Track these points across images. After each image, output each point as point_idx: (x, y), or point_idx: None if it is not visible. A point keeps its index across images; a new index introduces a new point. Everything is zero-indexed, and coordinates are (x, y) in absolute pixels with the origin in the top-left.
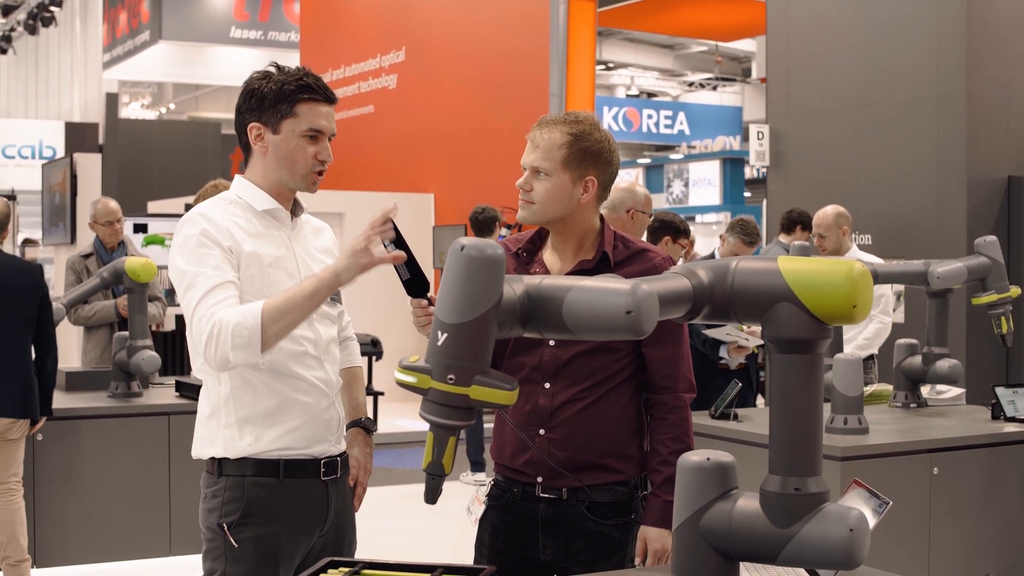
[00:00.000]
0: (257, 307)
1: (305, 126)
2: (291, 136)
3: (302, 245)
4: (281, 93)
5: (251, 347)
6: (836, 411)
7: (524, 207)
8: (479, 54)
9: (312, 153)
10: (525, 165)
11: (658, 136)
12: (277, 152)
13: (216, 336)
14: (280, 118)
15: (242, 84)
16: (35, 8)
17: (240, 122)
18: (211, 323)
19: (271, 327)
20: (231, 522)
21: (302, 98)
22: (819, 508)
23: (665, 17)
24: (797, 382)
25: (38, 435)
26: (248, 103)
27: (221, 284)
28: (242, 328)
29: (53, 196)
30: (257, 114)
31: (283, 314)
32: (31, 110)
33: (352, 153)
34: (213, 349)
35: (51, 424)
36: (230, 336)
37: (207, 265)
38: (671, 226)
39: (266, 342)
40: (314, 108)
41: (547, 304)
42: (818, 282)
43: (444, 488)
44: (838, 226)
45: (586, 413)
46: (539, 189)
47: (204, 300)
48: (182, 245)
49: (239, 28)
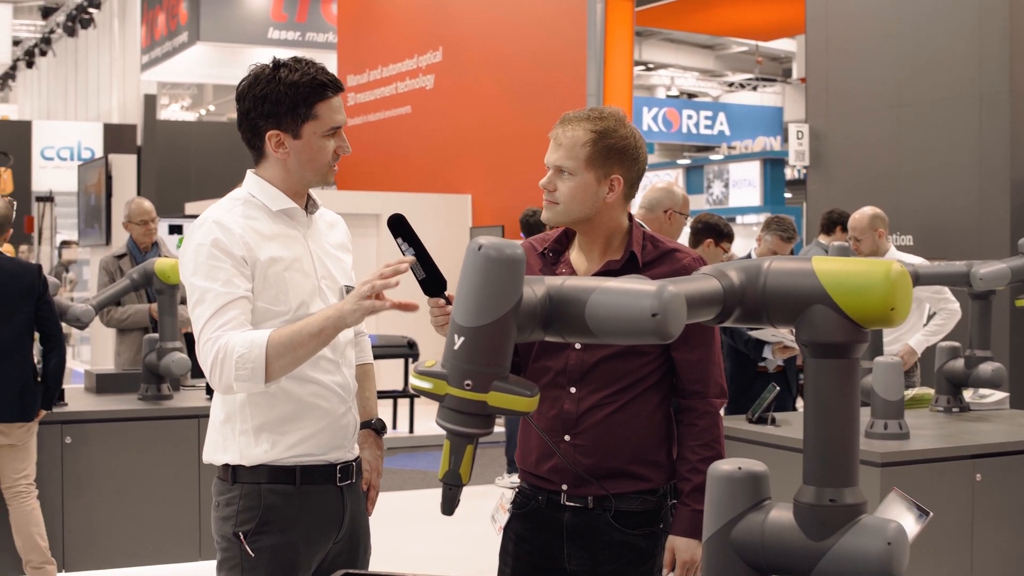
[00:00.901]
0: (262, 338)
1: (326, 126)
2: (313, 139)
3: (317, 243)
4: (297, 96)
5: (255, 379)
6: (876, 416)
7: (548, 207)
8: (516, 54)
9: (332, 149)
10: (548, 164)
11: (698, 137)
12: (300, 156)
13: (220, 363)
14: (300, 122)
15: (243, 82)
16: (74, 10)
17: (252, 127)
18: (215, 348)
19: (276, 361)
20: (247, 531)
21: (318, 99)
22: (855, 520)
23: (704, 16)
24: (833, 388)
25: (66, 438)
26: (260, 108)
27: (230, 303)
28: (246, 361)
29: (89, 197)
30: (275, 121)
31: (289, 350)
32: (70, 112)
33: (389, 154)
34: (217, 376)
35: (80, 427)
36: (233, 367)
37: (216, 280)
38: (714, 229)
39: (271, 375)
40: (330, 105)
41: (569, 306)
42: (854, 283)
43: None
44: (873, 229)
45: (613, 419)
46: (563, 189)
47: (211, 321)
48: (194, 254)
49: (277, 29)
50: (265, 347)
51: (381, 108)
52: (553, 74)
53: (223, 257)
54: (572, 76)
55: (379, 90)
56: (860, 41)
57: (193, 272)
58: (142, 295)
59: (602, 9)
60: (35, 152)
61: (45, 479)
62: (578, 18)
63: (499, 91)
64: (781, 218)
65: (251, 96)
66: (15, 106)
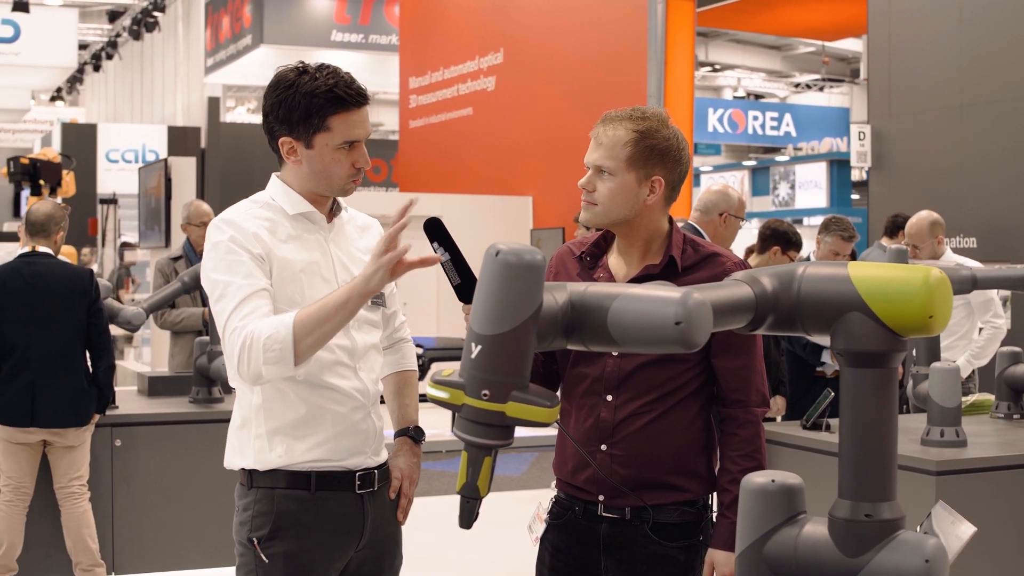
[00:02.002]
0: (289, 318)
1: (340, 140)
2: (325, 151)
3: (342, 247)
4: (311, 106)
5: (284, 361)
6: (932, 423)
7: (586, 208)
8: (577, 55)
9: (349, 163)
10: (588, 164)
11: (764, 138)
12: (312, 166)
13: (248, 350)
14: (312, 133)
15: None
16: (139, 14)
17: (268, 129)
18: (242, 336)
19: (304, 339)
20: (261, 536)
21: (333, 111)
22: (893, 536)
23: (768, 16)
24: (869, 399)
25: (116, 441)
26: (276, 112)
27: (252, 294)
28: (273, 341)
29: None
30: (287, 128)
31: (317, 325)
32: (136, 115)
33: (450, 156)
34: (245, 363)
35: (130, 430)
36: (261, 350)
37: (237, 274)
38: (783, 236)
39: (299, 355)
40: (347, 118)
41: (591, 313)
42: (891, 290)
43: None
44: (933, 235)
45: (651, 428)
46: (602, 189)
47: (235, 312)
48: (211, 252)
49: (340, 31)
50: (292, 326)
51: (442, 110)
52: (614, 75)
53: (241, 252)
54: (633, 77)
55: (441, 92)
56: (923, 40)
57: (212, 269)
58: (196, 298)
59: (663, 10)
60: (100, 155)
61: (95, 482)
62: (639, 19)
63: (560, 92)
64: (839, 218)
65: (270, 99)
66: (83, 109)
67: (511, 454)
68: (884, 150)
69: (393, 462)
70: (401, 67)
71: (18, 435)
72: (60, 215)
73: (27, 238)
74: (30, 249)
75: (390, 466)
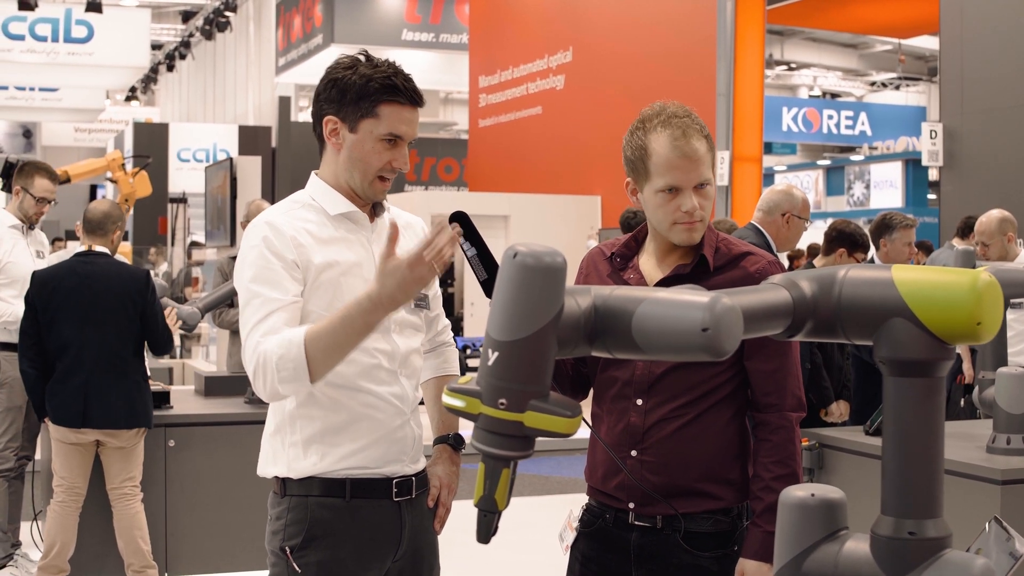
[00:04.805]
0: (299, 336)
1: (384, 130)
2: (368, 138)
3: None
4: (365, 89)
5: (299, 379)
6: (998, 430)
7: (693, 229)
8: (646, 54)
9: (387, 159)
10: (686, 185)
11: (839, 137)
12: (351, 152)
13: (262, 370)
14: (359, 116)
15: (326, 69)
16: (211, 14)
17: (317, 109)
18: (255, 356)
19: (316, 356)
20: (294, 545)
21: (385, 99)
22: (938, 555)
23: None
24: (914, 410)
25: (170, 441)
26: (328, 92)
27: (275, 311)
28: (286, 361)
29: (215, 199)
30: (336, 107)
31: (327, 344)
32: (208, 114)
33: (518, 155)
34: (262, 384)
35: (183, 430)
36: (275, 370)
37: (265, 283)
38: (849, 238)
39: (315, 372)
40: (397, 111)
41: (615, 319)
42: (937, 295)
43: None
44: (1003, 233)
45: (682, 433)
46: (706, 204)
47: (255, 329)
48: (244, 257)
49: (411, 31)
50: (303, 344)
51: (512, 109)
52: (682, 74)
53: (273, 260)
54: (702, 76)
55: (510, 91)
56: (995, 37)
57: (243, 274)
58: None
59: (732, 8)
60: (171, 154)
61: (148, 483)
62: (708, 17)
63: (629, 91)
64: (891, 213)
65: (325, 80)
66: (157, 109)
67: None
68: (956, 148)
69: (432, 470)
70: (471, 66)
71: (71, 436)
72: (117, 214)
73: (84, 236)
74: (87, 248)
75: (428, 474)
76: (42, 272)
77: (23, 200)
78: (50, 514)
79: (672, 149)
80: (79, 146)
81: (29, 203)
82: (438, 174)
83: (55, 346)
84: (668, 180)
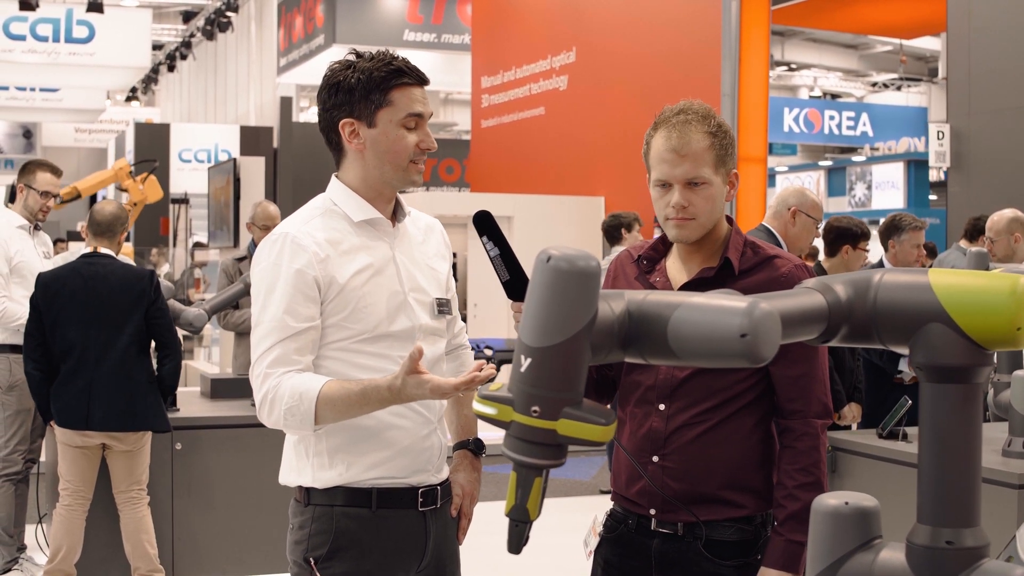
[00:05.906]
0: (312, 394)
1: (403, 113)
2: (389, 127)
3: (407, 253)
4: (371, 81)
5: (304, 428)
6: (1014, 433)
7: (683, 226)
8: (650, 54)
9: (414, 142)
10: (673, 179)
11: (840, 138)
12: (376, 147)
13: (269, 404)
14: (374, 109)
15: (322, 79)
16: (212, 14)
17: (328, 120)
18: (265, 387)
19: (325, 416)
20: (319, 556)
21: (395, 84)
22: (976, 565)
23: (844, 14)
24: (951, 417)
25: (177, 444)
26: (334, 98)
27: (288, 337)
28: (294, 412)
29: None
30: (348, 109)
31: (339, 411)
32: (209, 115)
33: (522, 156)
34: (266, 414)
35: (190, 433)
36: (282, 415)
37: (280, 306)
38: (847, 233)
39: (320, 424)
40: (409, 92)
41: (651, 324)
42: (975, 299)
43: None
44: (1010, 232)
45: (704, 439)
46: (698, 201)
47: (265, 354)
48: (261, 274)
49: (412, 31)
50: (315, 402)
51: (514, 110)
52: (687, 74)
53: (291, 279)
54: (707, 76)
55: (513, 91)
56: (1003, 37)
57: (259, 288)
58: None
59: (737, 8)
60: (173, 155)
61: (155, 486)
62: (713, 18)
63: (633, 91)
64: (900, 215)
65: (326, 87)
66: (158, 109)
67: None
68: (963, 149)
69: (453, 478)
70: (473, 66)
71: (76, 438)
72: (124, 216)
73: (91, 238)
74: (92, 250)
75: (451, 482)
76: (46, 274)
77: (27, 197)
78: (56, 518)
79: (663, 143)
80: (79, 147)
81: (34, 199)
82: (439, 175)
83: (59, 348)
84: (656, 174)
